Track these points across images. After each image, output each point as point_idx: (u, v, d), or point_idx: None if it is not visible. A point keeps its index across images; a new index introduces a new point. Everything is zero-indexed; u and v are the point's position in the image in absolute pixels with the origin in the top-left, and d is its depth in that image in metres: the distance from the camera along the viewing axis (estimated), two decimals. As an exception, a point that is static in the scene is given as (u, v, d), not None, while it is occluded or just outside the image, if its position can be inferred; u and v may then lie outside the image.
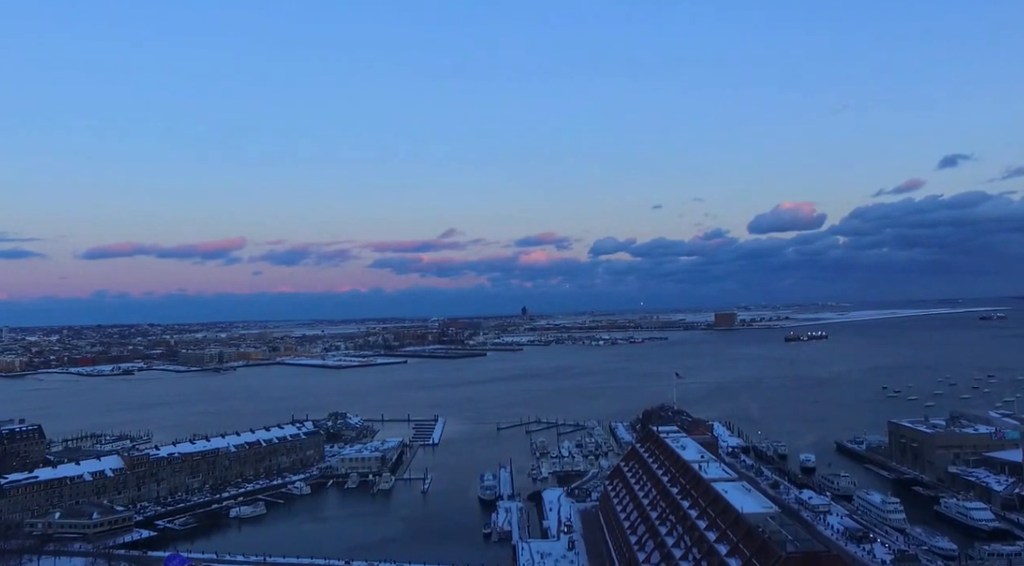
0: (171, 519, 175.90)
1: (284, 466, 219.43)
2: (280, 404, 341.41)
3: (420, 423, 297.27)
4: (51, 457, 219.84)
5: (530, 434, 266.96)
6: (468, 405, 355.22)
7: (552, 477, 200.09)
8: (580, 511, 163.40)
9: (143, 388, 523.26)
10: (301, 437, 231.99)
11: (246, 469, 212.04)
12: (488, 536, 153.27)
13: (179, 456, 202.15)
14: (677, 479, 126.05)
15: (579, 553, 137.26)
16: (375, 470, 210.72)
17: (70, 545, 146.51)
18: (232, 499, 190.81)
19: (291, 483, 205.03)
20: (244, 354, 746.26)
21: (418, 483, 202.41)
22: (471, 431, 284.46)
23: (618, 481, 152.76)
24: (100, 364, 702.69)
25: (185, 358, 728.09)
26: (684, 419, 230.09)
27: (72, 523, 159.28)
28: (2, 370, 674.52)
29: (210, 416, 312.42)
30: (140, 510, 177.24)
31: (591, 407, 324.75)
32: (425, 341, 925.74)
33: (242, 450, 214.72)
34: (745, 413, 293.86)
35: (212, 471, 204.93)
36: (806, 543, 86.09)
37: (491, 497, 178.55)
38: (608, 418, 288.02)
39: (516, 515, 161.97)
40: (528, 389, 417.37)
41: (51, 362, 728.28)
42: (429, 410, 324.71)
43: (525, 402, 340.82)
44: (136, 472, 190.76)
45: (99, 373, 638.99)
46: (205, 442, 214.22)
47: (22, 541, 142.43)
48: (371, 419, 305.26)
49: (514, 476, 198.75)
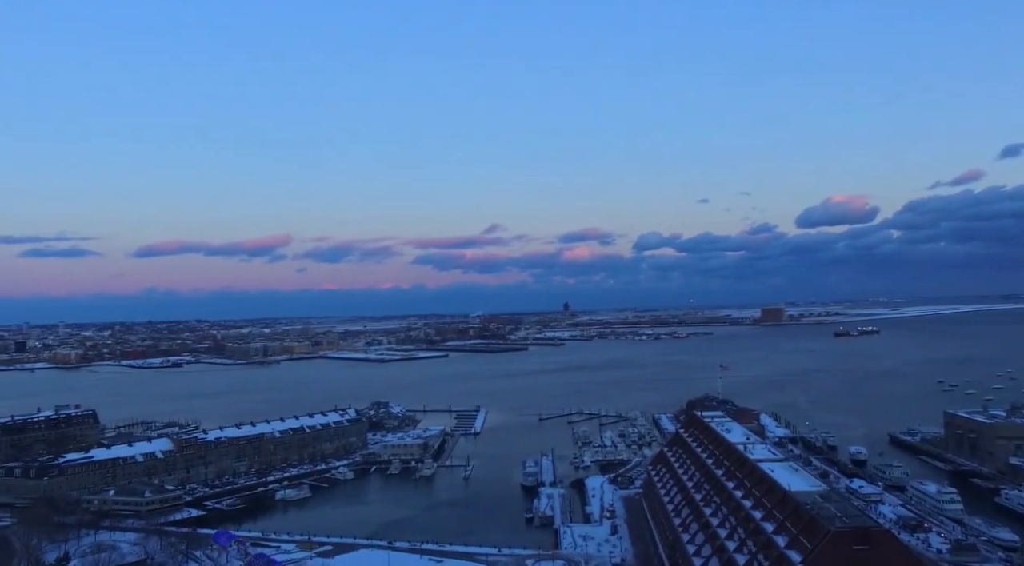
0: (219, 500, 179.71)
1: (327, 452, 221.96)
2: (323, 394, 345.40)
3: (462, 413, 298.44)
4: (105, 441, 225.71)
5: (572, 424, 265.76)
6: (509, 397, 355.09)
7: (595, 465, 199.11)
8: (623, 498, 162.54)
9: (191, 380, 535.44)
10: (344, 424, 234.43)
11: (290, 454, 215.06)
12: (530, 521, 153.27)
13: (226, 440, 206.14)
14: (722, 461, 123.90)
15: (622, 537, 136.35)
16: (417, 457, 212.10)
17: (124, 521, 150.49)
18: (277, 482, 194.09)
19: (334, 468, 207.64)
20: (288, 348, 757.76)
21: (460, 470, 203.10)
22: (513, 421, 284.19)
23: (661, 466, 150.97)
24: (150, 357, 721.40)
25: (231, 352, 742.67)
26: (729, 408, 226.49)
27: (125, 501, 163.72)
28: (60, 362, 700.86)
29: (255, 405, 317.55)
30: (189, 491, 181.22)
31: (634, 399, 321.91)
32: (466, 336, 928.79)
33: (286, 436, 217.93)
34: (793, 405, 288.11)
35: (258, 455, 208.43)
36: (856, 519, 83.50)
37: (533, 483, 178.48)
38: (651, 409, 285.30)
39: (558, 501, 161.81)
40: (570, 382, 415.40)
41: (104, 355, 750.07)
42: (471, 401, 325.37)
43: (567, 394, 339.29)
44: (185, 455, 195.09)
45: (149, 366, 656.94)
46: (251, 427, 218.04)
47: (80, 516, 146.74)
48: (413, 409, 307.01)
49: (556, 464, 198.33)
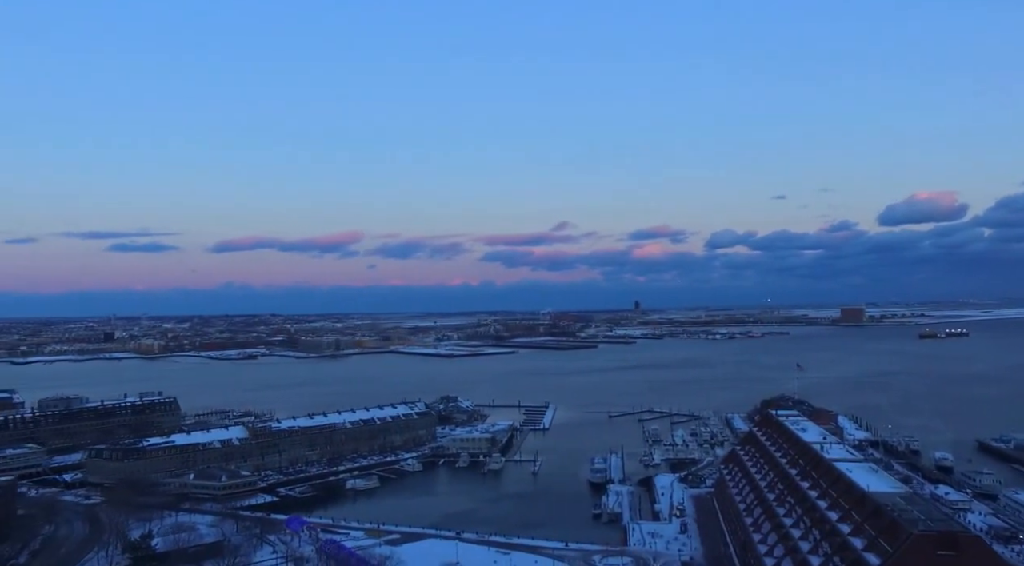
0: (291, 487, 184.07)
1: (396, 444, 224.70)
2: (392, 388, 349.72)
3: (530, 409, 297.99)
4: (184, 427, 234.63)
5: (642, 422, 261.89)
6: (579, 393, 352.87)
7: (664, 464, 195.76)
8: (693, 496, 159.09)
9: (265, 371, 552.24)
10: (413, 417, 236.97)
11: (360, 445, 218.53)
12: (598, 517, 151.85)
13: (298, 430, 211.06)
14: (796, 460, 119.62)
15: (692, 536, 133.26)
16: (485, 451, 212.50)
17: (201, 504, 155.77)
18: (347, 472, 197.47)
19: (403, 460, 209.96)
20: (358, 342, 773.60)
21: (528, 465, 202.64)
22: (581, 418, 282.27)
23: (733, 465, 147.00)
24: (227, 349, 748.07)
25: (304, 345, 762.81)
26: (805, 408, 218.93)
27: (203, 484, 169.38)
28: (143, 352, 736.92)
29: (326, 397, 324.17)
30: (263, 477, 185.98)
31: (706, 398, 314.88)
32: (535, 333, 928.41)
33: (357, 427, 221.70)
34: (873, 407, 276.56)
35: (329, 445, 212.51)
36: (941, 523, 78.71)
37: (601, 480, 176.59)
38: (724, 409, 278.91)
39: (627, 498, 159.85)
40: (640, 380, 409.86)
41: (184, 346, 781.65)
42: (539, 397, 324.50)
43: (637, 392, 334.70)
44: (259, 442, 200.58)
45: (226, 357, 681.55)
46: (323, 418, 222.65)
47: (161, 497, 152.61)
48: (481, 404, 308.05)
49: (625, 461, 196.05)
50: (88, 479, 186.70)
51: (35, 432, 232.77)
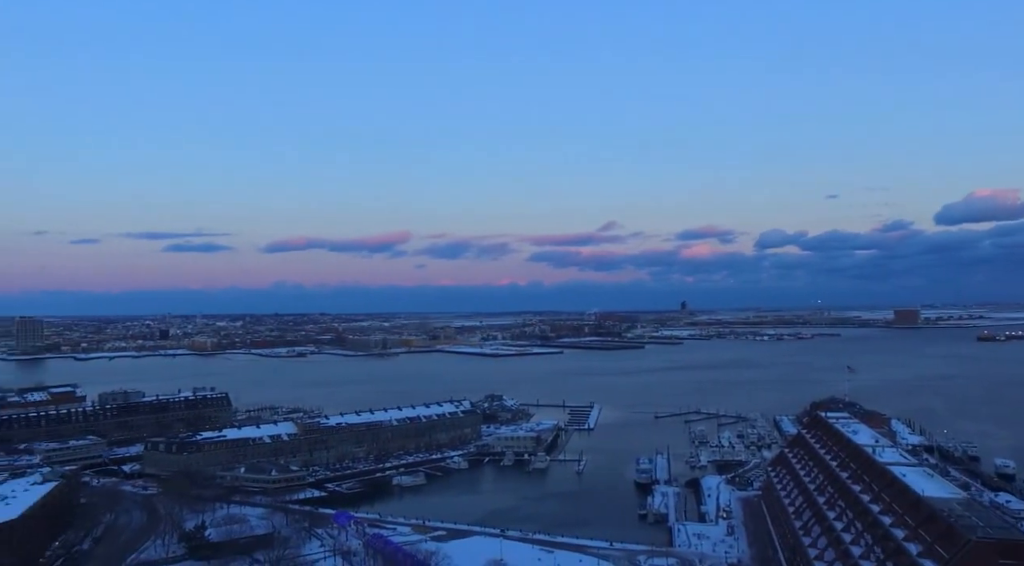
0: (339, 483, 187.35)
1: (442, 441, 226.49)
2: (439, 386, 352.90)
3: (575, 409, 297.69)
4: (236, 422, 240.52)
5: (689, 424, 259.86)
6: (624, 394, 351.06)
7: (711, 465, 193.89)
8: (740, 499, 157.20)
9: (314, 369, 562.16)
10: (459, 415, 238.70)
11: (407, 442, 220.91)
12: (643, 517, 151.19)
13: (346, 426, 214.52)
14: (847, 463, 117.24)
15: (739, 538, 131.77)
16: (530, 450, 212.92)
17: (252, 497, 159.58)
18: (394, 469, 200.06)
19: (449, 458, 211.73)
20: (406, 341, 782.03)
21: (573, 464, 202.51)
22: (627, 418, 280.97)
23: (781, 467, 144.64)
24: (277, 347, 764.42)
25: (352, 344, 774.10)
26: (856, 411, 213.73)
27: (254, 478, 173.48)
28: (197, 349, 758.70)
29: (374, 395, 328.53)
30: (311, 472, 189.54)
31: (754, 399, 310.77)
32: (581, 333, 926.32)
33: (403, 424, 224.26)
34: (929, 412, 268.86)
35: (376, 442, 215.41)
36: (1002, 530, 76.16)
37: (647, 480, 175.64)
38: (772, 411, 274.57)
39: (673, 499, 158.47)
40: (687, 381, 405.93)
41: (236, 344, 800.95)
42: (584, 397, 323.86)
43: (684, 393, 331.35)
44: (308, 438, 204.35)
45: (276, 355, 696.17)
46: (370, 415, 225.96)
47: (214, 489, 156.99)
48: (526, 403, 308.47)
49: (671, 462, 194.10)
50: (146, 470, 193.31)
51: (96, 424, 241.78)
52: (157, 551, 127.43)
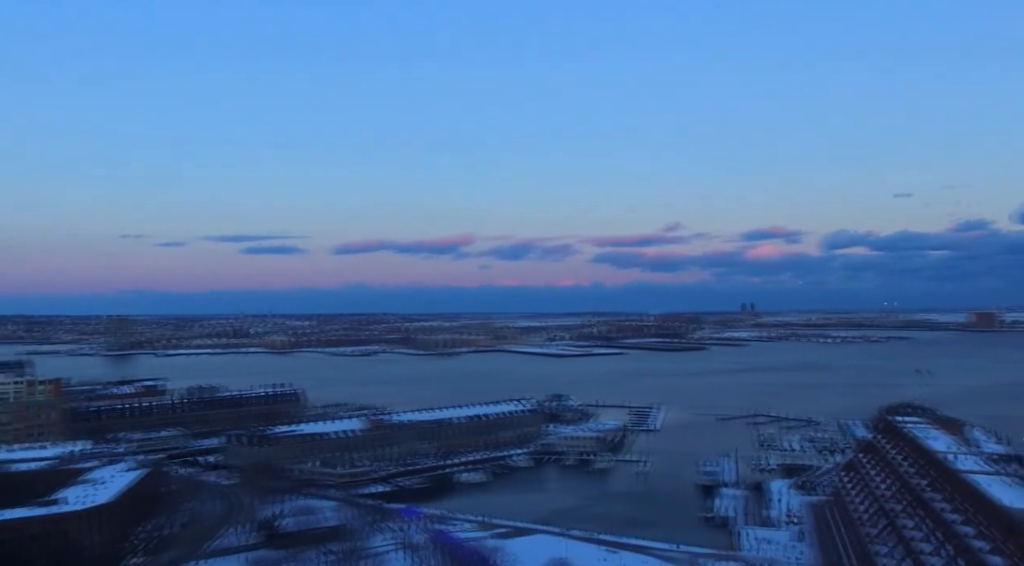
0: (405, 478, 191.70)
1: (506, 440, 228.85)
2: (502, 385, 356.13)
3: (639, 410, 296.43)
4: (308, 417, 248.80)
5: (754, 426, 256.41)
6: (688, 395, 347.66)
7: (778, 469, 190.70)
8: (808, 504, 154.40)
9: (382, 367, 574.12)
10: (522, 414, 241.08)
11: (471, 440, 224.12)
12: (707, 520, 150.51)
13: (412, 423, 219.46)
14: (923, 471, 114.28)
15: (807, 544, 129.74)
16: (593, 450, 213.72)
17: (323, 490, 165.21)
18: (458, 466, 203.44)
19: (512, 456, 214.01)
20: (470, 341, 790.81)
21: (636, 465, 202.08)
22: (691, 420, 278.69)
23: (852, 473, 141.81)
24: (347, 346, 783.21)
25: (418, 343, 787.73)
26: (931, 416, 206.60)
27: (325, 471, 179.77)
28: (271, 347, 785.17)
29: (439, 393, 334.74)
30: (379, 468, 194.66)
31: (822, 403, 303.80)
32: (644, 334, 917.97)
33: (468, 422, 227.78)
34: (1012, 419, 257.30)
35: (441, 439, 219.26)
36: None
37: (711, 483, 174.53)
38: (841, 415, 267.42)
39: (738, 502, 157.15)
40: (752, 383, 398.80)
41: (308, 343, 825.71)
42: (648, 398, 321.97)
43: (749, 395, 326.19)
44: (376, 434, 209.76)
45: (346, 353, 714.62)
46: (436, 412, 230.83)
47: (288, 482, 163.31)
48: (589, 404, 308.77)
49: (737, 465, 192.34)
50: (225, 462, 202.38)
51: (179, 417, 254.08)
52: (235, 538, 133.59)
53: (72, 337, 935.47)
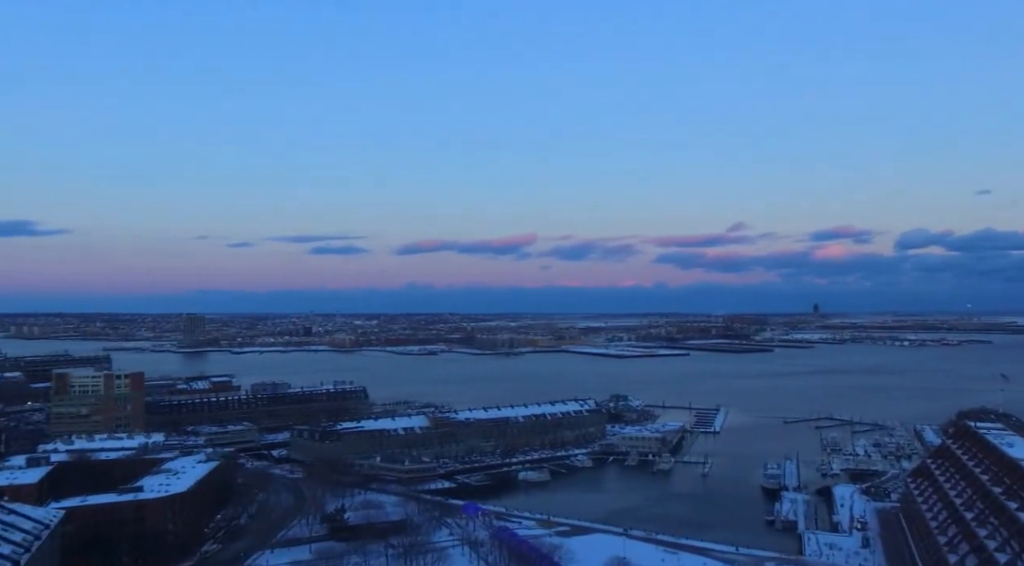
0: (467, 475, 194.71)
1: (567, 439, 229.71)
2: (564, 385, 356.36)
3: (701, 411, 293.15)
4: (372, 414, 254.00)
5: (820, 430, 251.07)
6: (752, 397, 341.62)
7: (844, 474, 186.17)
8: (876, 510, 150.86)
9: (444, 366, 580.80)
10: (584, 414, 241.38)
11: (532, 439, 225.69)
12: (771, 524, 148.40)
13: (475, 421, 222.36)
14: (1001, 478, 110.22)
15: (875, 551, 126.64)
16: (655, 450, 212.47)
17: (387, 485, 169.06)
18: (520, 464, 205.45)
19: (573, 456, 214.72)
20: (532, 341, 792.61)
21: (698, 467, 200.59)
22: (754, 423, 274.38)
23: (923, 479, 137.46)
24: (410, 345, 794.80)
25: (480, 343, 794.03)
26: (1012, 423, 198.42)
27: (388, 467, 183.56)
28: (337, 346, 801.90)
29: (501, 392, 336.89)
30: (442, 464, 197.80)
31: (892, 407, 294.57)
32: (708, 335, 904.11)
33: (529, 421, 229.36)
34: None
35: (503, 437, 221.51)
36: None
37: (775, 486, 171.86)
38: (912, 420, 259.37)
39: (802, 506, 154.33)
40: (819, 386, 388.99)
41: (372, 341, 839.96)
42: (711, 399, 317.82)
43: (815, 398, 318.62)
44: (439, 431, 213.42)
45: (408, 353, 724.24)
46: (497, 411, 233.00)
47: (353, 476, 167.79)
48: (651, 404, 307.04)
49: (801, 469, 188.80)
50: (292, 456, 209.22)
51: (249, 412, 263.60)
52: (302, 530, 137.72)
53: (151, 334, 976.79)
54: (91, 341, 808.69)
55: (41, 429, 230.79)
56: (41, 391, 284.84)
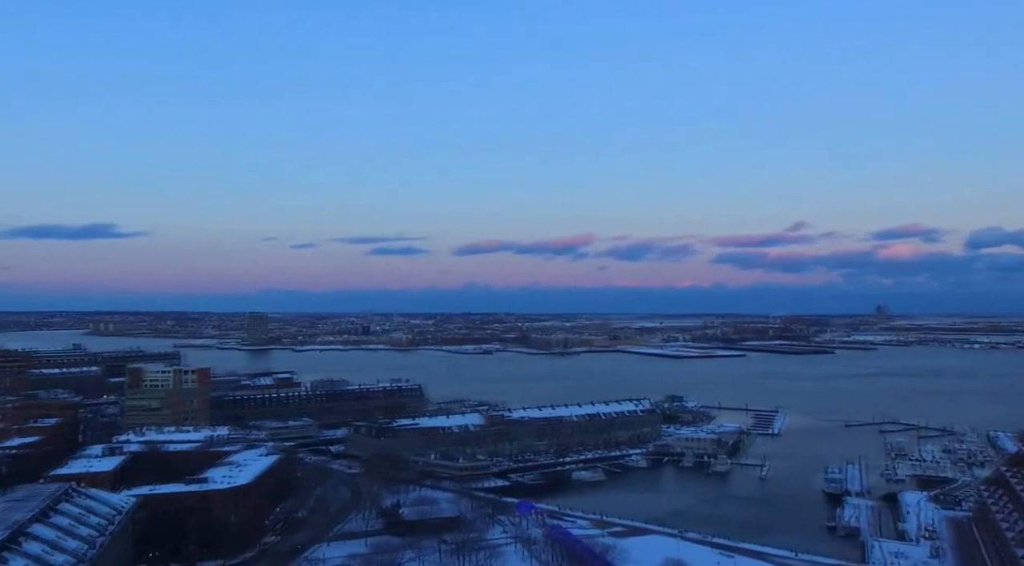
0: (521, 474, 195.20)
1: (621, 439, 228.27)
2: (619, 385, 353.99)
3: (759, 413, 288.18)
4: (428, 412, 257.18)
5: (885, 434, 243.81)
6: (812, 400, 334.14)
7: (911, 480, 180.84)
8: (947, 519, 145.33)
9: (499, 365, 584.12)
10: (639, 414, 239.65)
11: (587, 438, 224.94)
12: (832, 529, 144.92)
13: (529, 420, 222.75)
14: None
15: (945, 562, 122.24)
16: (711, 452, 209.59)
17: (441, 482, 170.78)
18: (574, 463, 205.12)
19: (628, 456, 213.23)
20: (587, 341, 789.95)
21: (755, 469, 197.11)
22: (814, 425, 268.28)
23: (999, 488, 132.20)
24: (465, 344, 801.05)
25: (535, 342, 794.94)
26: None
27: (443, 464, 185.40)
28: (394, 344, 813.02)
29: (555, 391, 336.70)
30: (495, 463, 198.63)
31: (963, 412, 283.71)
32: (766, 336, 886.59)
33: (584, 420, 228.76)
34: None
35: (556, 436, 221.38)
36: None
37: (837, 491, 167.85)
38: (986, 425, 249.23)
39: (866, 512, 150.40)
40: (883, 389, 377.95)
41: (428, 340, 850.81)
42: (769, 401, 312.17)
43: (879, 401, 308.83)
44: (493, 430, 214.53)
45: (464, 352, 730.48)
46: (551, 410, 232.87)
47: (408, 472, 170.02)
48: (708, 405, 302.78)
49: (864, 474, 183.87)
50: (350, 451, 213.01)
51: (309, 408, 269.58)
52: (358, 524, 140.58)
53: (217, 332, 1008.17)
54: (162, 338, 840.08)
55: (116, 421, 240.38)
56: (117, 385, 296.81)
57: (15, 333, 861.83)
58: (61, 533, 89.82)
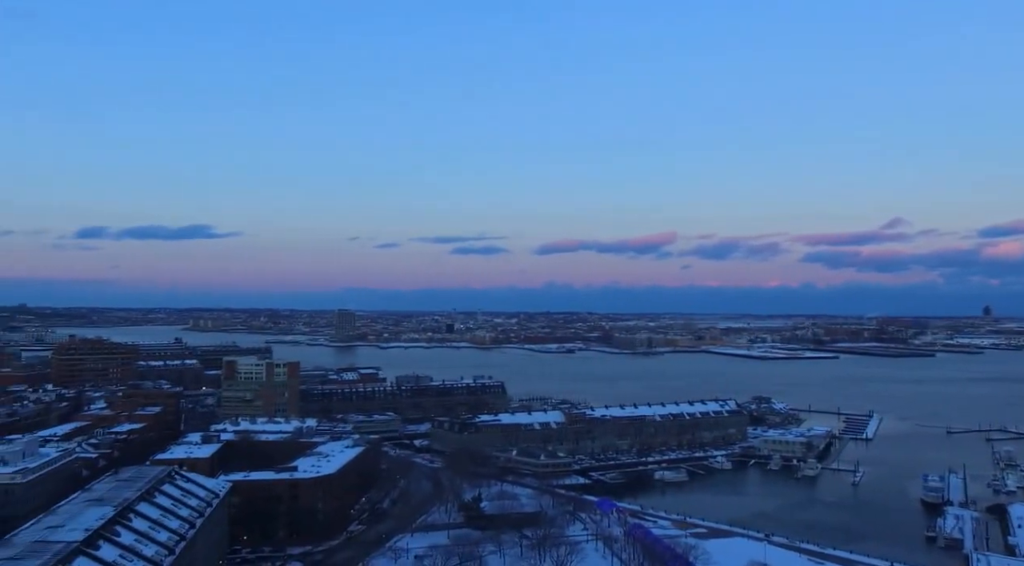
0: (602, 472, 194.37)
1: (705, 440, 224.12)
2: (703, 386, 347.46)
3: (851, 417, 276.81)
4: (510, 409, 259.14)
5: (992, 442, 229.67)
6: (910, 404, 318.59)
7: (1021, 492, 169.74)
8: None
9: (581, 364, 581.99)
10: (724, 415, 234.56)
11: (670, 438, 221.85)
12: (932, 540, 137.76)
13: (611, 419, 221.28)
14: None
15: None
16: (799, 455, 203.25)
17: (522, 478, 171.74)
18: (656, 463, 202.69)
19: (712, 457, 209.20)
20: (671, 341, 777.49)
21: (847, 475, 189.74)
22: (912, 431, 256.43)
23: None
24: (548, 343, 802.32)
25: (618, 342, 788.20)
26: None
27: (524, 461, 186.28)
28: (477, 342, 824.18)
29: (638, 390, 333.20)
30: (577, 461, 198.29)
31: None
32: (860, 338, 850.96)
33: (667, 420, 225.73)
34: None
35: (639, 436, 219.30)
36: None
37: (936, 500, 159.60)
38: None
39: (970, 524, 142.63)
40: (989, 394, 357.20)
41: (511, 339, 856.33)
42: (862, 405, 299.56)
43: (985, 408, 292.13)
44: (574, 428, 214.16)
45: (546, 350, 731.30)
46: (633, 409, 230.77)
47: (490, 468, 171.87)
48: (796, 408, 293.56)
49: (968, 483, 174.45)
50: (432, 446, 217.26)
51: (393, 403, 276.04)
52: (440, 516, 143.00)
53: (307, 329, 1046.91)
54: (255, 334, 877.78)
55: (213, 411, 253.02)
56: (214, 377, 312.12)
57: (122, 328, 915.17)
58: (164, 512, 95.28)
